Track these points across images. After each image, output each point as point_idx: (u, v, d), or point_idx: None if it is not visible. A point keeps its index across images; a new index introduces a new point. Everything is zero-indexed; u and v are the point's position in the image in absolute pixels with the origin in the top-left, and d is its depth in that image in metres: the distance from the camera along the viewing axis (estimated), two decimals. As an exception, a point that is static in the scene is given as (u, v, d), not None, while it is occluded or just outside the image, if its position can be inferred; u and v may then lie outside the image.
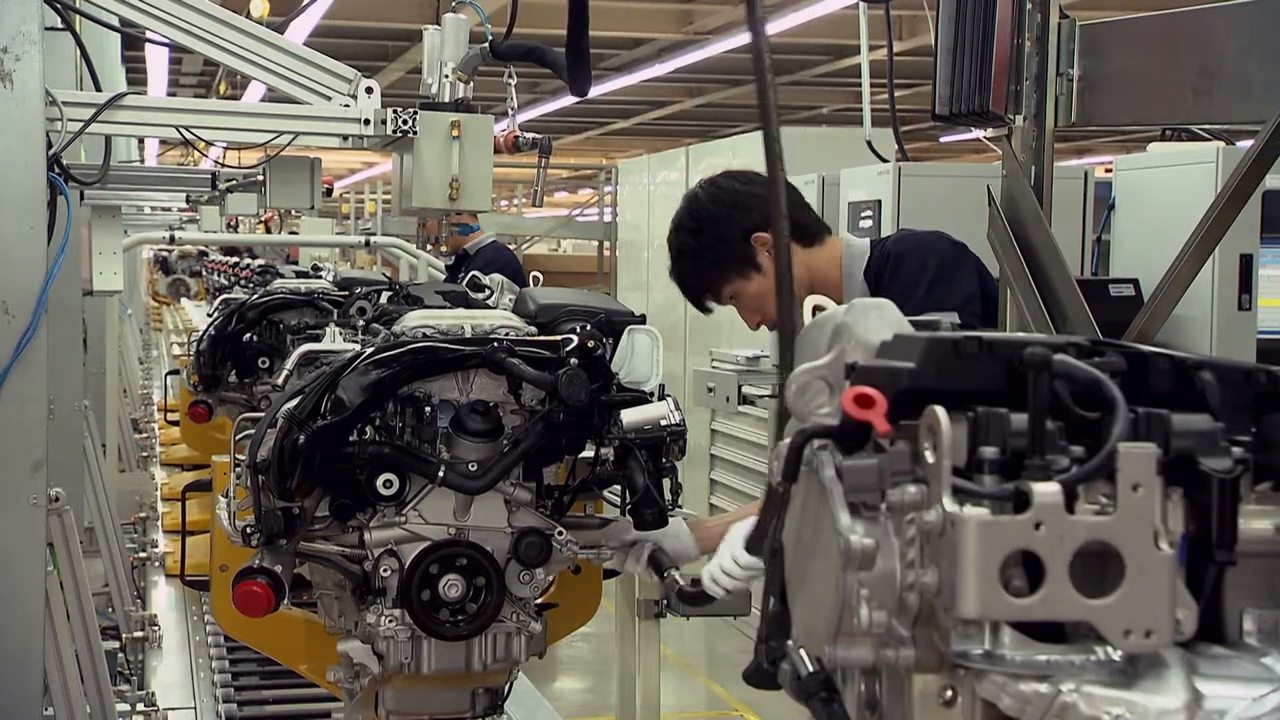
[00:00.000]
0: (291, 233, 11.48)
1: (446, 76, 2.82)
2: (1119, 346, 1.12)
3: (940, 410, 1.00)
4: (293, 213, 8.90)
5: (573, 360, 2.42)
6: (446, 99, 2.82)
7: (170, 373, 6.98)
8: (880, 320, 1.18)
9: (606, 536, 2.65)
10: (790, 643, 1.13)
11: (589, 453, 2.53)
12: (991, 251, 3.05)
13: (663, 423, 2.45)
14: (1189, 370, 1.09)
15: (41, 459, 2.93)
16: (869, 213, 6.13)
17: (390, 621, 2.43)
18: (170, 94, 15.58)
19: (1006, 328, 3.06)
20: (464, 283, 3.80)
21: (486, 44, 2.81)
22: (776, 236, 1.61)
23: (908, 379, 1.06)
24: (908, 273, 3.01)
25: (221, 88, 13.73)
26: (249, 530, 2.38)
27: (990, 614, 0.96)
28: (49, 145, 2.98)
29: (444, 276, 7.29)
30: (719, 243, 3.09)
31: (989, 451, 1.00)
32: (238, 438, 2.57)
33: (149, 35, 3.28)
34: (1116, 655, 0.96)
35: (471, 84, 2.82)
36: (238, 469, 2.51)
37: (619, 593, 4.38)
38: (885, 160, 6.15)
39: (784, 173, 2.12)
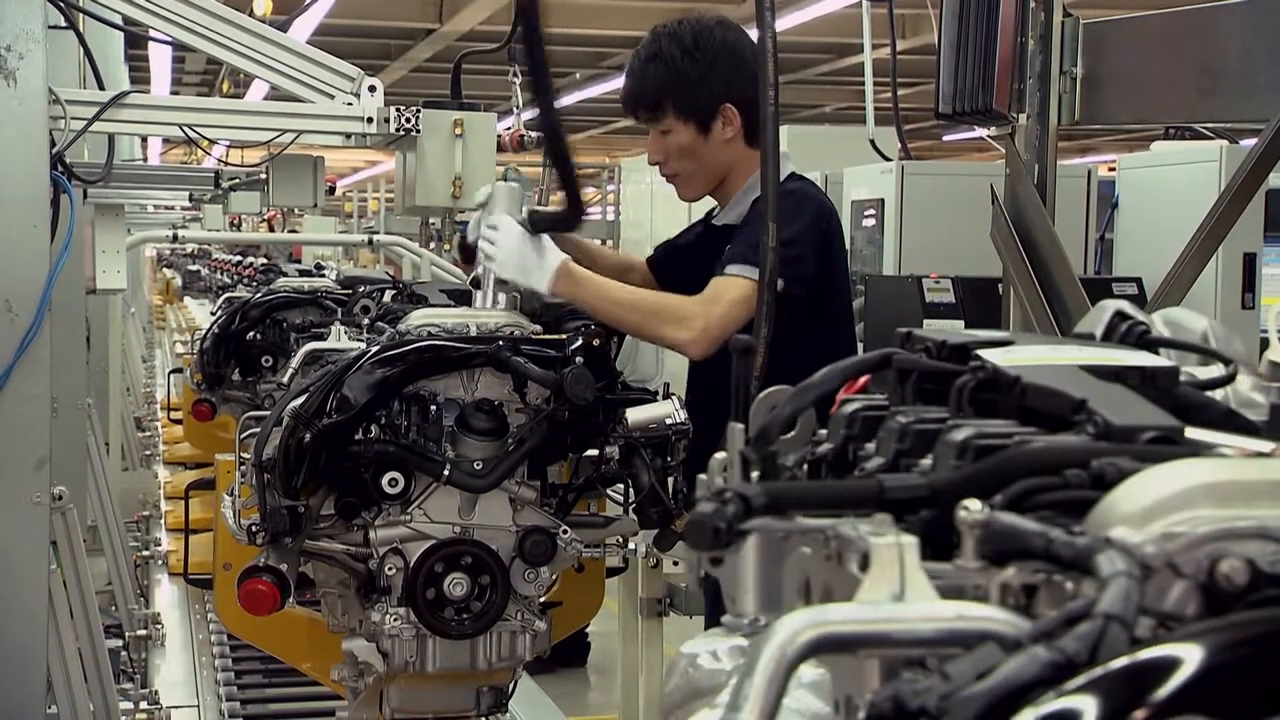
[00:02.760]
0: (294, 231, 11.48)
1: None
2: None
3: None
4: (296, 211, 8.89)
5: (578, 359, 2.42)
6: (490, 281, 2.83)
7: (173, 371, 6.98)
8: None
9: (610, 535, 2.66)
10: None
11: (593, 451, 2.53)
12: (995, 250, 3.05)
13: (667, 421, 2.45)
14: None
15: (45, 457, 2.93)
16: (872, 211, 6.13)
17: (395, 620, 2.43)
18: (173, 93, 15.58)
19: (1011, 326, 3.06)
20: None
21: (526, 219, 2.83)
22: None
23: None
24: (757, 211, 2.79)
25: (224, 86, 13.74)
26: (254, 528, 2.38)
27: None
28: (52, 144, 2.98)
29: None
30: (695, 82, 3.05)
31: None
32: (243, 436, 2.57)
33: (152, 34, 3.28)
34: None
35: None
36: (243, 467, 2.52)
37: (622, 591, 4.39)
38: (888, 159, 6.14)
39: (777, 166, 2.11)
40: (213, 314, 5.59)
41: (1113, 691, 0.66)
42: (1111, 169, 6.70)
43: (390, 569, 2.42)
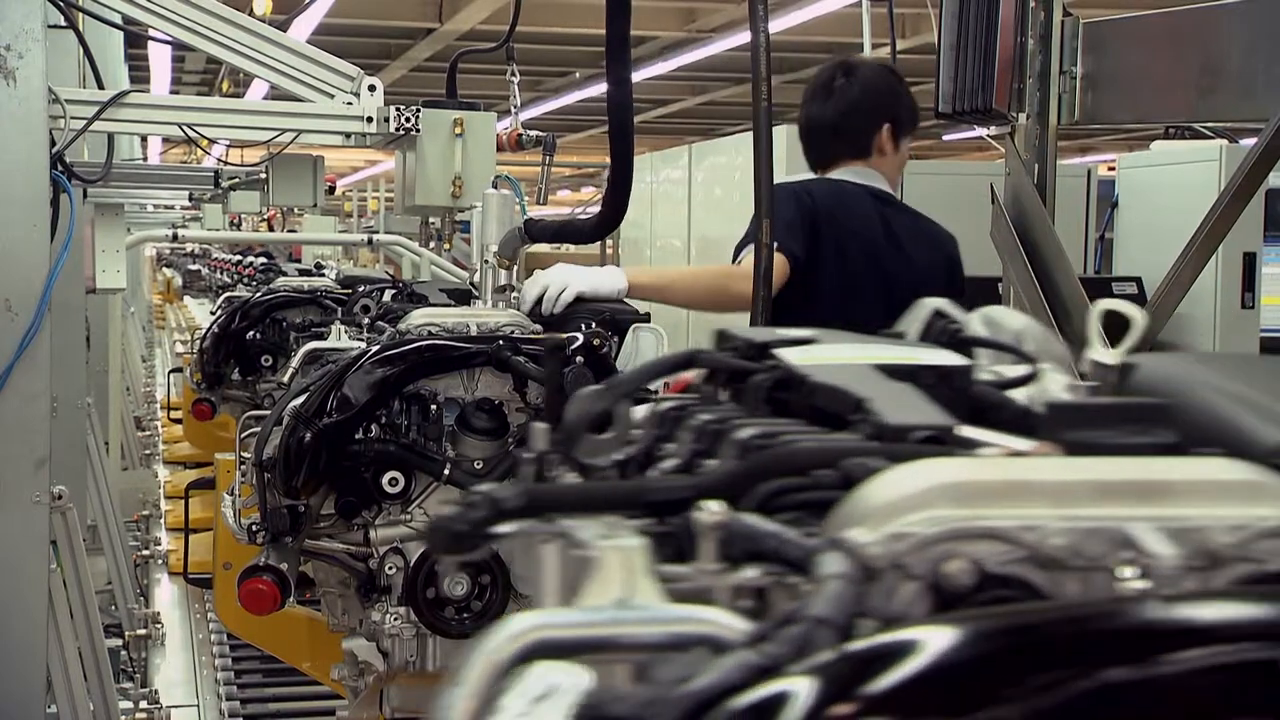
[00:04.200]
0: (294, 231, 11.48)
1: (488, 261, 2.88)
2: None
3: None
4: (295, 210, 8.89)
5: (578, 358, 2.42)
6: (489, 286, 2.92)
7: (173, 370, 6.99)
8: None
9: None
10: None
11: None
12: (995, 249, 3.05)
13: (668, 421, 2.45)
14: None
15: (44, 457, 2.93)
16: (872, 211, 6.12)
17: (395, 619, 2.43)
18: (173, 92, 15.58)
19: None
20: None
21: (521, 227, 2.92)
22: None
23: None
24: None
25: (224, 86, 13.73)
26: (254, 528, 2.38)
27: None
28: (52, 143, 2.98)
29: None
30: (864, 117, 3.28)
31: None
32: (243, 435, 2.57)
33: (152, 33, 3.28)
34: None
35: (516, 268, 2.94)
36: (243, 466, 2.51)
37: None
38: (888, 158, 6.14)
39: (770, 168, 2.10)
40: (213, 313, 5.59)
41: (830, 679, 0.63)
42: (1111, 169, 6.70)
43: (390, 568, 2.42)
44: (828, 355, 1.15)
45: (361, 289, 3.89)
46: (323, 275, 5.68)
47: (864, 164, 3.31)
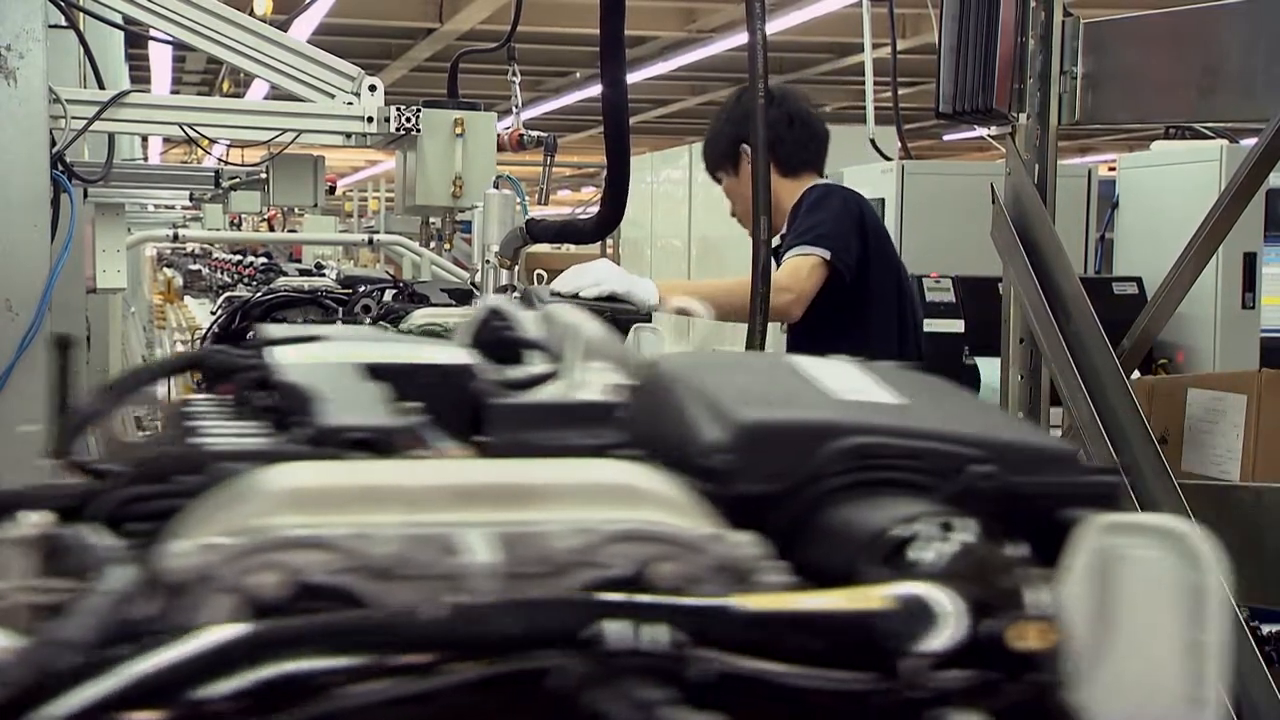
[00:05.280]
0: (294, 230, 11.49)
1: (489, 261, 2.89)
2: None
3: None
4: (296, 210, 8.90)
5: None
6: (490, 285, 2.95)
7: (173, 370, 6.96)
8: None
9: None
10: None
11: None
12: (995, 249, 3.05)
13: (668, 420, 2.45)
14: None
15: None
16: (872, 211, 6.12)
17: None
18: (173, 92, 15.58)
19: (1012, 326, 3.06)
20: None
21: (522, 226, 2.95)
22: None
23: None
24: (793, 212, 3.52)
25: (225, 86, 13.74)
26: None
27: None
28: (52, 143, 2.98)
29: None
30: (714, 137, 3.75)
31: None
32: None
33: (152, 33, 3.29)
34: None
35: (517, 268, 2.97)
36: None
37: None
38: (888, 159, 6.14)
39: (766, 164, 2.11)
40: (213, 313, 5.59)
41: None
42: (1111, 169, 6.70)
43: None
44: (324, 353, 1.13)
45: (362, 289, 3.89)
46: (323, 275, 5.68)
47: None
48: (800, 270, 3.34)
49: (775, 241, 3.61)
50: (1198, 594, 0.77)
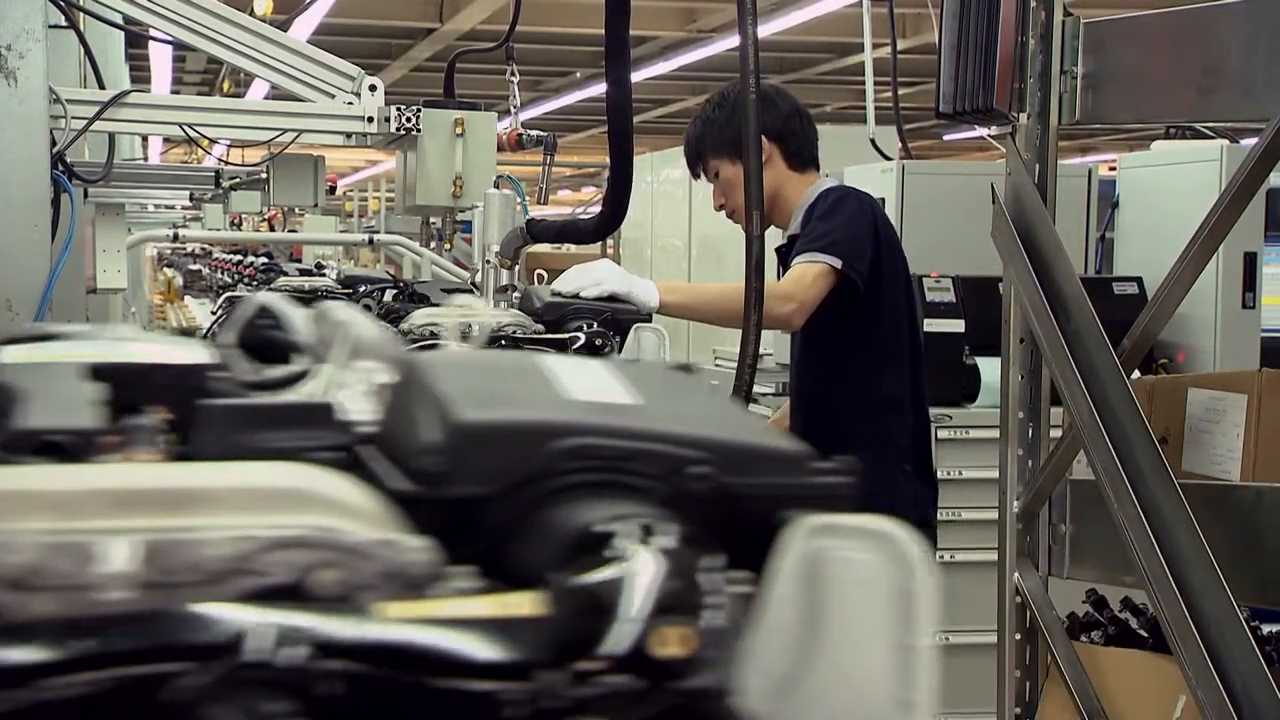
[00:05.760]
0: (294, 230, 11.48)
1: (489, 261, 2.90)
2: None
3: None
4: (296, 210, 8.90)
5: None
6: (490, 285, 2.96)
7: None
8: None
9: None
10: None
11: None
12: (995, 249, 3.05)
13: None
14: None
15: (46, 457, 2.92)
16: (872, 211, 6.11)
17: None
18: (174, 92, 15.58)
19: (1012, 326, 3.06)
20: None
21: (523, 226, 2.96)
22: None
23: None
24: (807, 215, 3.47)
25: (225, 86, 13.73)
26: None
27: None
28: (53, 143, 2.98)
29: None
30: (724, 122, 3.51)
31: None
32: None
33: (152, 33, 3.29)
34: None
35: (517, 268, 2.98)
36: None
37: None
38: (889, 158, 6.13)
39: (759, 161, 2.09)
40: (213, 313, 5.59)
41: None
42: (1112, 168, 6.70)
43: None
44: (53, 353, 1.11)
45: (362, 289, 3.90)
46: (323, 275, 5.68)
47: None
48: (805, 278, 3.28)
49: (783, 240, 3.62)
50: (907, 597, 0.76)
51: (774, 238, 3.69)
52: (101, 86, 3.46)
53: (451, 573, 0.75)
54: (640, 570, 0.72)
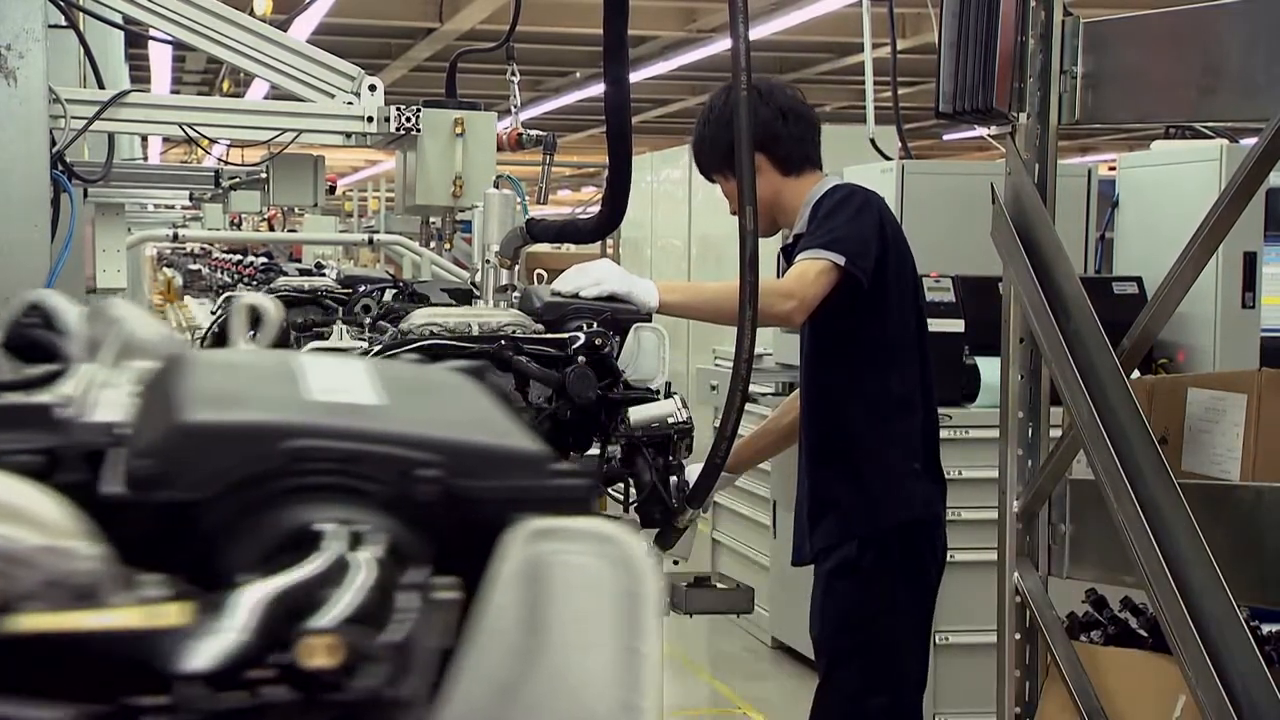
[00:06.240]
0: (294, 230, 11.48)
1: (489, 261, 2.90)
2: None
3: None
4: (296, 210, 8.90)
5: (580, 358, 2.42)
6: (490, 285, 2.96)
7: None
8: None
9: None
10: None
11: (595, 450, 2.53)
12: (995, 249, 3.05)
13: (670, 420, 2.45)
14: None
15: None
16: (872, 210, 6.11)
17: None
18: (173, 92, 15.57)
19: (1012, 326, 3.05)
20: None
21: (523, 226, 2.96)
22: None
23: None
24: (813, 213, 3.44)
25: (225, 85, 13.73)
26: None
27: None
28: (52, 143, 2.98)
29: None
30: (712, 139, 3.51)
31: None
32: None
33: (152, 33, 3.29)
34: None
35: (517, 268, 2.98)
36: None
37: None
38: (888, 158, 6.14)
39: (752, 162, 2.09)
40: (213, 313, 5.59)
41: None
42: (1111, 168, 6.70)
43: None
44: None
45: (362, 289, 3.90)
46: (323, 275, 5.68)
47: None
48: (807, 275, 3.27)
49: (788, 240, 3.61)
50: (633, 600, 0.75)
51: (779, 238, 3.69)
52: (101, 86, 3.46)
53: (140, 580, 0.73)
54: (308, 577, 0.70)
